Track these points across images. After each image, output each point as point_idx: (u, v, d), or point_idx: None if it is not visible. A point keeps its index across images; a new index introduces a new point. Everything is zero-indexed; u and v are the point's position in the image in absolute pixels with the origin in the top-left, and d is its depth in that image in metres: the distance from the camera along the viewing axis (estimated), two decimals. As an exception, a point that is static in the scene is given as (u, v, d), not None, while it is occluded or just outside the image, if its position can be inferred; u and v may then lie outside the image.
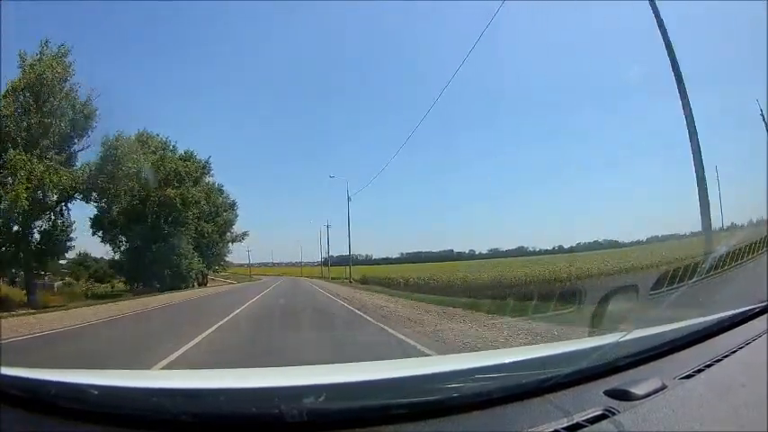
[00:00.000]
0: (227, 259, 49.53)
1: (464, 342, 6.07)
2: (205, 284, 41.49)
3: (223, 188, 43.55)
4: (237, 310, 12.09)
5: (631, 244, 27.71)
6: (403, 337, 6.73)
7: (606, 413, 1.10)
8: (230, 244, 47.55)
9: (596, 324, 2.68)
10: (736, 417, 1.16)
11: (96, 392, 1.11)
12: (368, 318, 10.17)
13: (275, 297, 18.92)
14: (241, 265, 68.22)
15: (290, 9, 54.16)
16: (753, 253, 5.51)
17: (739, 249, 5.47)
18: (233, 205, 45.42)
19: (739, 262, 5.28)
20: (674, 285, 5.27)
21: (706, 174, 9.32)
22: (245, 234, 48.16)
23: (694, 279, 4.85)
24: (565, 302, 6.94)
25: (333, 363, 2.90)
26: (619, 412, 1.11)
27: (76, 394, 1.12)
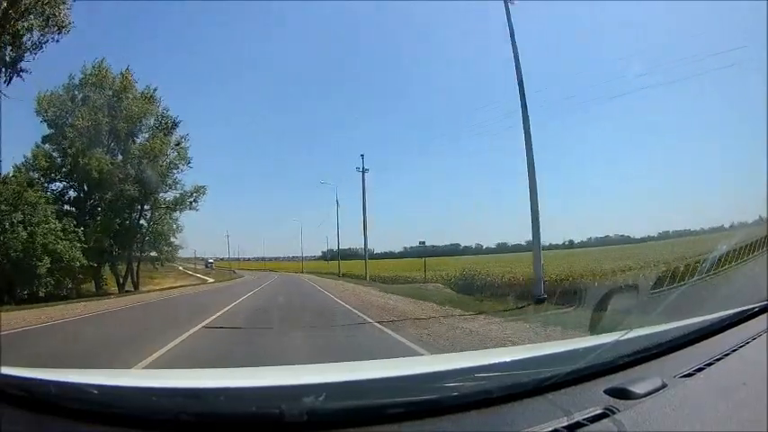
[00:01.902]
0: (175, 242, 27.58)
1: None
2: (133, 288, 23.73)
3: (156, 93, 22.45)
4: None
5: (643, 240, 27.60)
6: None
7: (606, 412, 1.10)
8: (177, 213, 24.88)
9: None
10: (737, 415, 1.16)
11: (96, 392, 1.11)
12: None
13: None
14: (238, 260, 65.35)
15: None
16: (753, 252, 5.51)
17: (740, 248, 5.47)
18: (174, 126, 23.05)
19: (740, 261, 5.28)
20: (675, 284, 5.28)
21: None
22: (200, 191, 23.94)
23: (695, 278, 4.85)
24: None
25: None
26: (619, 411, 1.11)
27: (76, 394, 1.12)
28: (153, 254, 27.42)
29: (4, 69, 15.44)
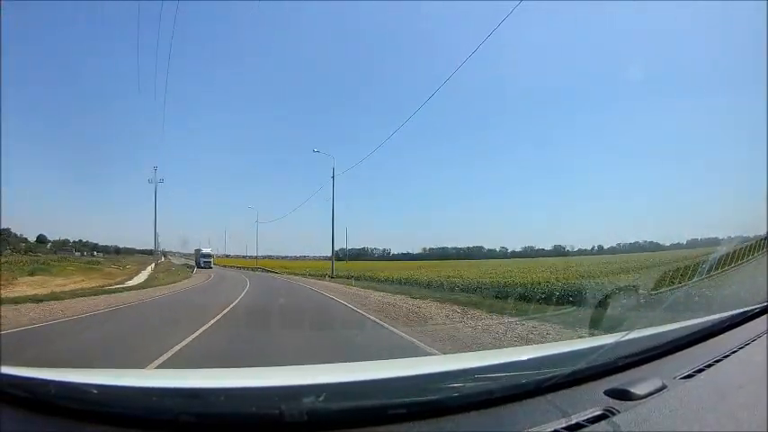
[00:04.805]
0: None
1: None
2: None
3: None
4: None
5: (672, 247, 27.07)
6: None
7: (606, 413, 1.10)
8: None
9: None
10: (736, 417, 1.16)
11: (96, 392, 1.11)
12: None
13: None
14: (244, 257, 60.97)
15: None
16: (753, 253, 5.51)
17: (740, 250, 5.47)
18: None
19: (739, 262, 5.28)
20: (675, 285, 5.28)
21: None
22: None
23: (695, 279, 4.87)
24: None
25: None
26: (619, 412, 1.11)
27: (77, 394, 1.12)
28: None
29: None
